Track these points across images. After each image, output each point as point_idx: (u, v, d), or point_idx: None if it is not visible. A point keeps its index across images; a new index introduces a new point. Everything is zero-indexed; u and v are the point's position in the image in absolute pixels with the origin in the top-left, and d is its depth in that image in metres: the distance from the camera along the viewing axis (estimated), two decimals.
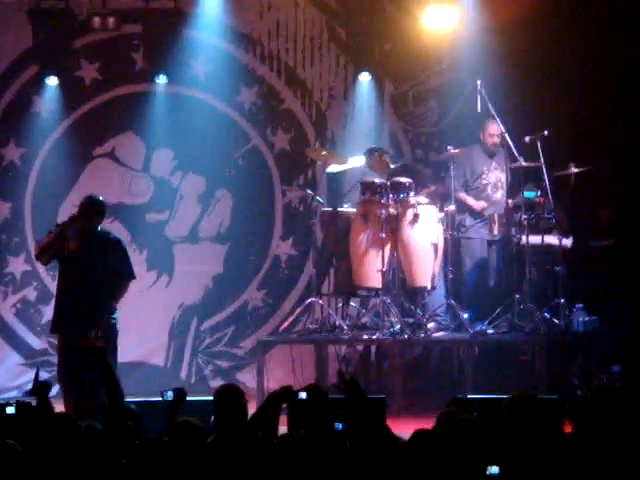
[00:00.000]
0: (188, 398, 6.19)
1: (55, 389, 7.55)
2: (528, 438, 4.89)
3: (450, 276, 9.63)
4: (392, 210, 9.50)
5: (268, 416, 5.34)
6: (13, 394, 10.00)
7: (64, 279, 7.86)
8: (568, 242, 9.75)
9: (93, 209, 7.86)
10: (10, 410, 5.56)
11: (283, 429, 5.74)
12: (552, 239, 9.67)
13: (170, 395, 5.69)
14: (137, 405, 6.02)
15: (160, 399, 5.73)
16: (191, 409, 5.68)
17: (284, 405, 5.62)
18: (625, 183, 10.27)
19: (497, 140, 9.95)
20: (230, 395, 5.36)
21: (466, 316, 9.54)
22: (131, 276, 7.98)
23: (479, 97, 9.65)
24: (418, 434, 4.70)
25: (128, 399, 6.65)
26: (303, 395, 5.51)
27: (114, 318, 7.78)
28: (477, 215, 10.00)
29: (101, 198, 7.99)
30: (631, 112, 10.26)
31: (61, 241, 7.78)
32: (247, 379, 10.41)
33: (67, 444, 4.70)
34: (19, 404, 5.67)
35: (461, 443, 4.61)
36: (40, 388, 5.70)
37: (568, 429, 5.27)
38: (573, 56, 10.39)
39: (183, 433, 4.70)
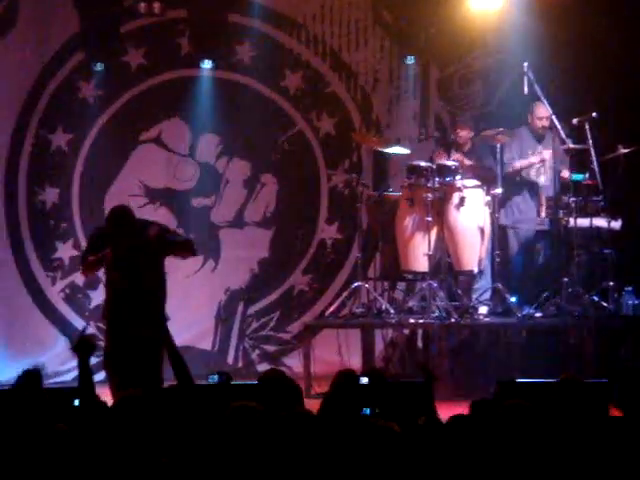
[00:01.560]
0: (235, 382, 6.22)
1: (103, 374, 7.61)
2: (576, 422, 4.85)
3: (497, 260, 9.57)
4: (438, 194, 9.46)
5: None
6: (64, 378, 10.09)
7: (110, 287, 7.79)
8: (617, 224, 9.65)
9: (119, 218, 7.73)
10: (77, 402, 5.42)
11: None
12: (601, 221, 9.58)
13: (215, 379, 5.65)
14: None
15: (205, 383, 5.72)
16: (238, 393, 5.70)
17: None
18: None
19: (546, 123, 9.85)
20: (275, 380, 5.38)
21: (513, 300, 9.49)
22: (190, 243, 7.88)
23: (526, 79, 9.56)
24: (454, 419, 4.68)
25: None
26: (364, 380, 5.49)
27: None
28: (529, 195, 9.88)
29: (117, 207, 7.80)
30: None
31: (104, 257, 7.72)
32: (294, 363, 10.42)
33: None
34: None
35: (512, 428, 4.58)
36: (82, 344, 5.32)
37: (616, 413, 5.22)
38: (620, 38, 10.26)
39: (240, 416, 4.69)
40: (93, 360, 7.02)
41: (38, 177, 10.87)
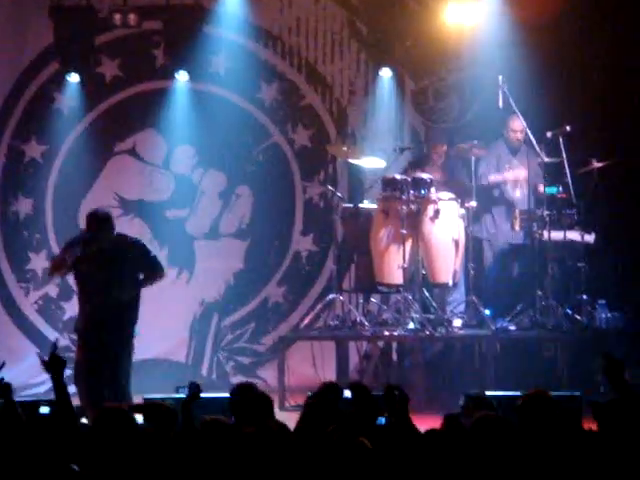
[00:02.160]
0: (209, 395, 6.19)
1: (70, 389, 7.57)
2: (545, 436, 4.86)
3: (472, 272, 9.60)
4: (413, 206, 9.48)
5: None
6: (35, 391, 10.02)
7: (80, 284, 7.83)
8: (590, 238, 9.70)
9: (101, 225, 7.76)
10: (44, 410, 5.37)
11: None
12: (574, 235, 9.62)
13: (185, 391, 5.62)
14: (152, 402, 5.99)
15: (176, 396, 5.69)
16: (212, 406, 5.68)
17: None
18: None
19: (520, 136, 9.92)
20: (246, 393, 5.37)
21: (488, 312, 9.51)
22: (162, 270, 7.96)
23: (501, 93, 9.61)
24: (430, 433, 4.69)
25: (150, 396, 6.69)
26: (347, 393, 5.48)
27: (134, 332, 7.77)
28: (504, 209, 9.93)
29: (103, 210, 7.94)
30: None
31: (72, 260, 7.73)
32: (268, 375, 10.40)
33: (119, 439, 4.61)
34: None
35: (482, 441, 4.58)
36: (54, 360, 5.25)
37: (590, 426, 5.24)
38: (595, 53, 10.32)
39: (211, 431, 4.68)
40: (69, 371, 6.98)
41: (11, 188, 10.83)
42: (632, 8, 10.27)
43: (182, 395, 5.67)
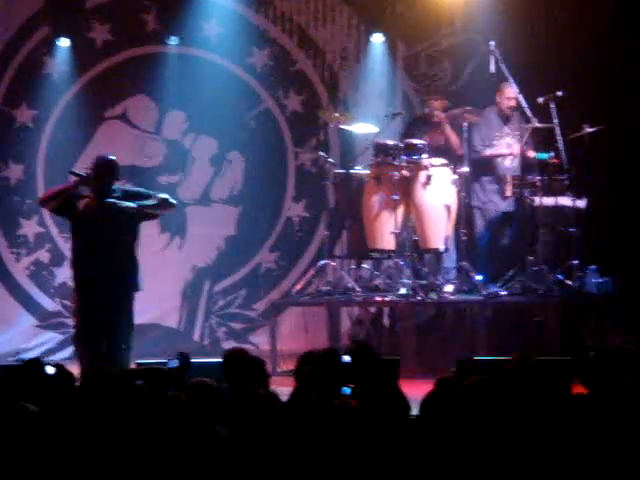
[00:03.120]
0: (200, 360, 6.20)
1: (68, 352, 7.60)
2: (532, 400, 4.89)
3: (463, 238, 9.61)
4: (405, 172, 9.47)
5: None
6: (30, 355, 10.04)
7: (81, 240, 7.76)
8: (582, 203, 9.71)
9: (108, 170, 7.74)
10: (50, 370, 5.38)
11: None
12: (566, 200, 9.63)
13: (175, 363, 5.59)
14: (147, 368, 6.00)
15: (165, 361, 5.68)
16: (204, 371, 5.69)
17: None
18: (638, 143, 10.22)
19: (514, 103, 9.86)
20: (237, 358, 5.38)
21: (479, 278, 9.54)
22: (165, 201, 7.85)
23: (492, 58, 9.58)
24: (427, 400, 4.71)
25: (143, 361, 6.71)
26: (347, 358, 5.44)
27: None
28: (494, 176, 9.91)
29: (114, 158, 7.89)
30: None
31: (70, 200, 7.69)
32: (260, 341, 10.44)
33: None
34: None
35: (475, 405, 4.61)
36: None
37: (579, 390, 5.26)
38: (586, 17, 10.29)
39: (197, 393, 4.70)
40: (60, 337, 7.00)
41: (2, 153, 10.78)
42: None
43: (172, 366, 5.65)
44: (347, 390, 5.08)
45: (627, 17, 10.21)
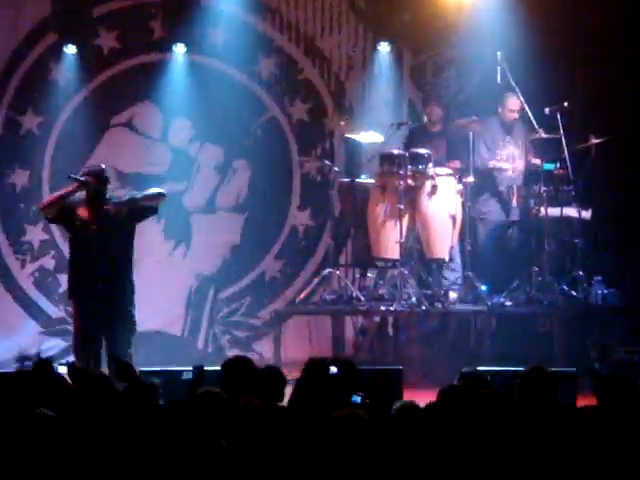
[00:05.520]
0: (206, 368, 6.19)
1: (72, 358, 7.58)
2: (543, 411, 4.87)
3: (468, 248, 9.60)
4: (410, 181, 9.47)
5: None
6: (33, 361, 10.02)
7: (79, 247, 7.77)
8: (587, 214, 9.70)
9: (104, 177, 7.77)
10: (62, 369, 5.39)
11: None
12: (571, 211, 9.62)
13: (189, 375, 5.63)
14: (156, 374, 6.00)
15: (179, 369, 5.68)
16: (207, 379, 5.68)
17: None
18: None
19: (516, 115, 9.87)
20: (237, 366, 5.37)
21: (484, 288, 9.52)
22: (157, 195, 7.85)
23: (499, 69, 9.58)
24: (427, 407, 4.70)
25: (147, 368, 6.70)
26: (334, 369, 5.45)
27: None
28: (493, 190, 9.90)
29: (104, 166, 7.92)
30: None
31: (67, 207, 7.71)
32: (264, 349, 10.42)
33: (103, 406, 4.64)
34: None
35: (466, 417, 4.59)
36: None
37: (586, 402, 5.25)
38: (593, 27, 10.29)
39: (206, 402, 4.68)
40: (64, 343, 7.01)
41: (8, 159, 10.79)
42: None
43: (186, 378, 5.69)
44: (357, 399, 5.08)
45: (635, 28, 10.20)
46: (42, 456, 4.22)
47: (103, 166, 7.86)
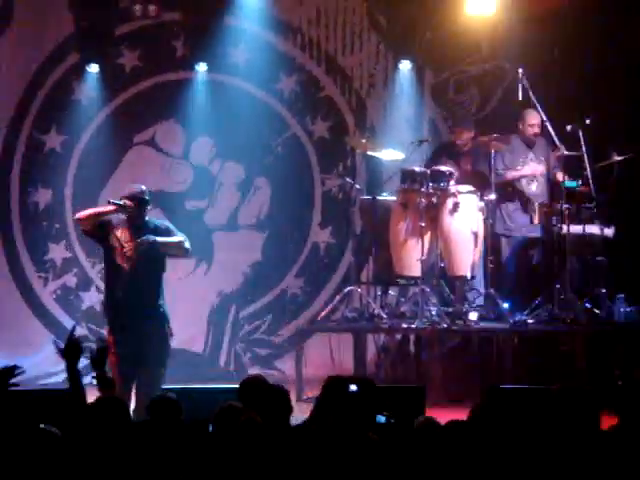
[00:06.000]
0: (227, 386, 6.19)
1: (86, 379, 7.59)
2: (570, 431, 4.83)
3: (490, 265, 9.58)
4: (432, 199, 9.46)
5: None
6: (54, 380, 10.06)
7: (111, 268, 7.76)
8: (610, 232, 9.66)
9: (143, 200, 7.78)
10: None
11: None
12: (594, 229, 9.59)
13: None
14: (176, 392, 6.00)
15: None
16: (231, 397, 5.67)
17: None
18: None
19: (537, 130, 9.86)
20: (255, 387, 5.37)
21: (506, 306, 9.49)
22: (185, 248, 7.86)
23: (520, 85, 9.58)
24: (452, 424, 4.66)
25: (167, 386, 6.70)
26: (353, 387, 5.43)
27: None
28: (520, 203, 9.88)
29: (146, 188, 7.91)
30: None
31: (105, 225, 7.74)
32: (286, 367, 10.42)
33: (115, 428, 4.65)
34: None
35: (494, 435, 4.56)
36: (71, 348, 5.26)
37: (608, 422, 5.20)
38: (614, 43, 10.28)
39: (229, 417, 4.69)
40: (86, 361, 7.00)
41: (31, 178, 10.85)
42: None
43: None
44: (382, 418, 5.06)
45: None
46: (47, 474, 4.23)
47: (143, 187, 7.82)
